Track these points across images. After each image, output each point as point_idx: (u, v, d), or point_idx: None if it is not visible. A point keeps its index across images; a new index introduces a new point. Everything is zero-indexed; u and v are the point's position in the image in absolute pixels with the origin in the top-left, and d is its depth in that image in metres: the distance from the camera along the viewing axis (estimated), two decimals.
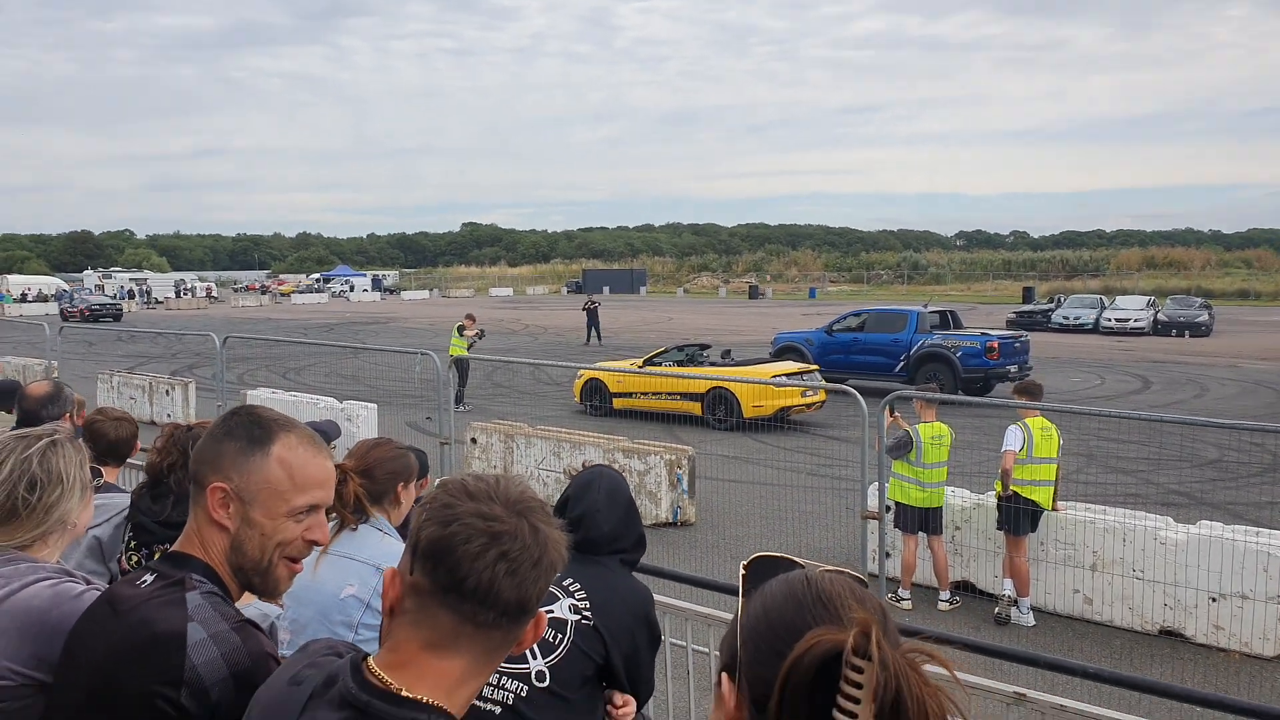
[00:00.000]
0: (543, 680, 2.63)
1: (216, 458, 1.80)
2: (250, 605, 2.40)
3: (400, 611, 1.37)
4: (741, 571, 1.24)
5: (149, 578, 1.78)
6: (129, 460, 4.06)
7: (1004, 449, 8.16)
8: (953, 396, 17.19)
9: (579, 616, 2.74)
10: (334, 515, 3.12)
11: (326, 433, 5.03)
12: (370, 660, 1.38)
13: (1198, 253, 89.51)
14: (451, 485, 1.41)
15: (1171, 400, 21.28)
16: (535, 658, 2.64)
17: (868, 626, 1.01)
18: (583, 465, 3.17)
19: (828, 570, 1.20)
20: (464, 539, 1.32)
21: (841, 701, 0.99)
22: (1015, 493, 8.06)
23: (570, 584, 2.77)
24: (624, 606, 2.83)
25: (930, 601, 8.40)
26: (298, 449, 1.82)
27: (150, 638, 1.66)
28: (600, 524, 2.92)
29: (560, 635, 2.71)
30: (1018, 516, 8.04)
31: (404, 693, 1.33)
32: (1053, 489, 8.27)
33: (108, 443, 3.87)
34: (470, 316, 20.82)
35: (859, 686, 0.99)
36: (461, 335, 19.69)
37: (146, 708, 1.62)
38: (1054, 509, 8.26)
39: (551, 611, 2.68)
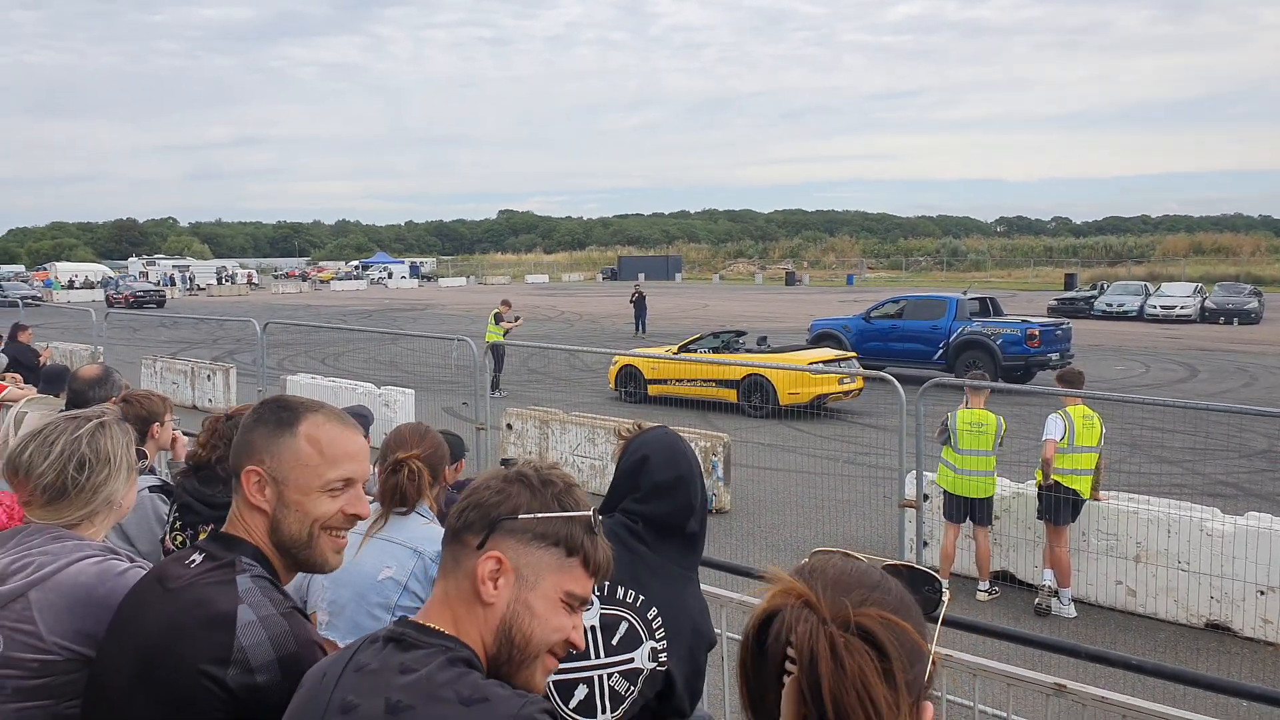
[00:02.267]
0: None
1: (249, 444, 1.84)
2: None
3: None
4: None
5: (197, 557, 1.82)
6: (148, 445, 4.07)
7: (1044, 438, 8.05)
8: (992, 384, 16.88)
9: (654, 664, 2.48)
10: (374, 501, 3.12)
11: (363, 417, 5.05)
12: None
13: (1247, 238, 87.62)
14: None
15: (1219, 389, 20.90)
16: (605, 711, 2.40)
17: (804, 597, 1.13)
18: (637, 428, 2.72)
19: (894, 565, 1.26)
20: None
21: (787, 665, 1.13)
22: (1056, 482, 7.94)
23: (653, 617, 2.47)
24: (694, 634, 2.59)
25: (969, 591, 8.30)
26: (325, 425, 1.84)
27: (202, 617, 1.68)
28: (651, 471, 2.57)
29: (632, 687, 2.45)
30: (1058, 506, 7.93)
31: (431, 625, 1.47)
32: (1092, 478, 8.14)
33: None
34: (506, 303, 20.87)
35: (796, 648, 1.12)
36: (499, 322, 19.74)
37: (193, 685, 1.64)
38: (1095, 498, 8.13)
39: (631, 661, 2.42)
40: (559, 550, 1.52)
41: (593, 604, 2.29)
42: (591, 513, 1.56)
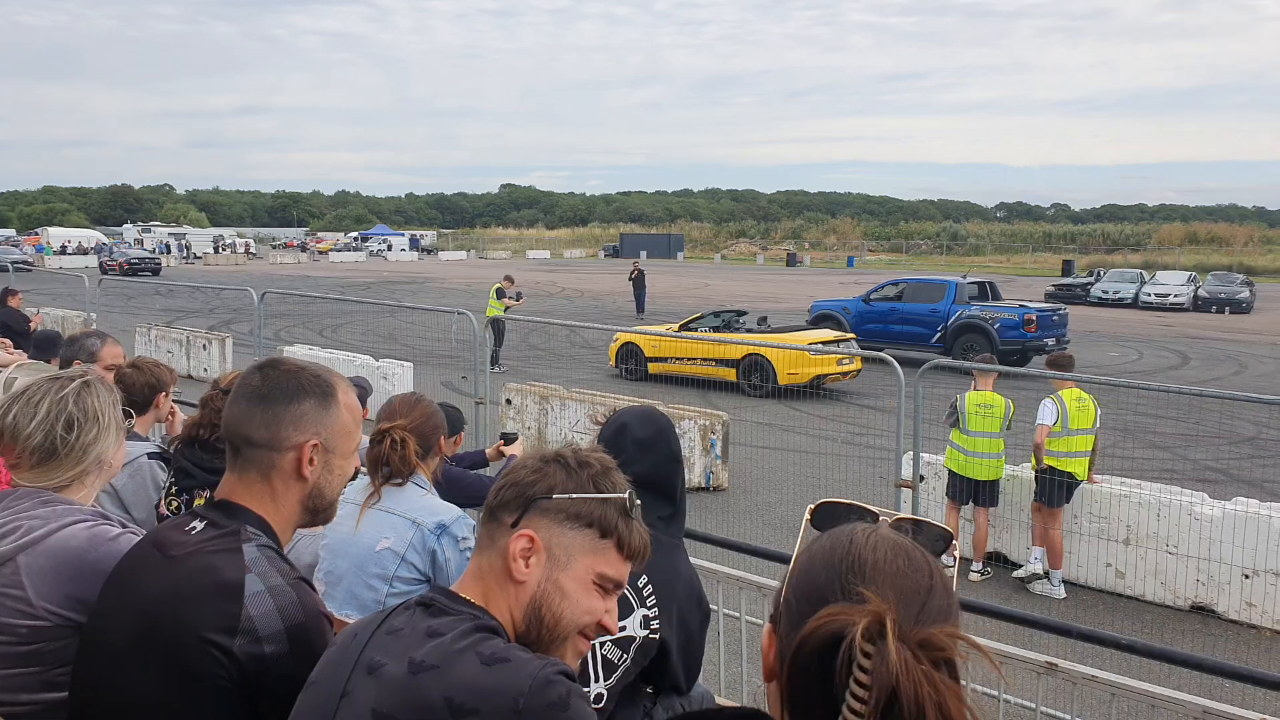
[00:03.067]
0: (600, 701, 2.48)
1: (300, 417, 1.84)
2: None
3: None
4: (805, 517, 1.24)
5: (198, 525, 1.79)
6: (157, 413, 4.02)
7: (1037, 423, 8.13)
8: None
9: (646, 631, 2.51)
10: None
11: (363, 388, 5.07)
12: None
13: (1240, 229, 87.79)
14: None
15: (1210, 377, 21.00)
16: (598, 680, 2.45)
17: (879, 617, 0.97)
18: (612, 410, 2.86)
19: (900, 520, 1.18)
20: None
21: (850, 700, 0.96)
22: (1050, 465, 8.02)
23: (644, 584, 2.52)
24: (686, 600, 2.65)
25: (962, 572, 8.39)
26: (349, 393, 1.95)
27: (209, 585, 1.67)
28: (631, 434, 2.66)
29: (624, 655, 2.49)
30: (1054, 488, 8.01)
31: (460, 593, 1.51)
32: (1088, 460, 8.22)
33: (132, 392, 3.89)
34: (509, 278, 20.86)
35: (867, 688, 0.96)
36: (500, 297, 19.71)
37: (198, 654, 1.63)
38: (1089, 480, 8.21)
39: (624, 628, 2.44)
40: (592, 532, 1.52)
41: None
42: (628, 495, 1.56)
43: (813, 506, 1.25)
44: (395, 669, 1.39)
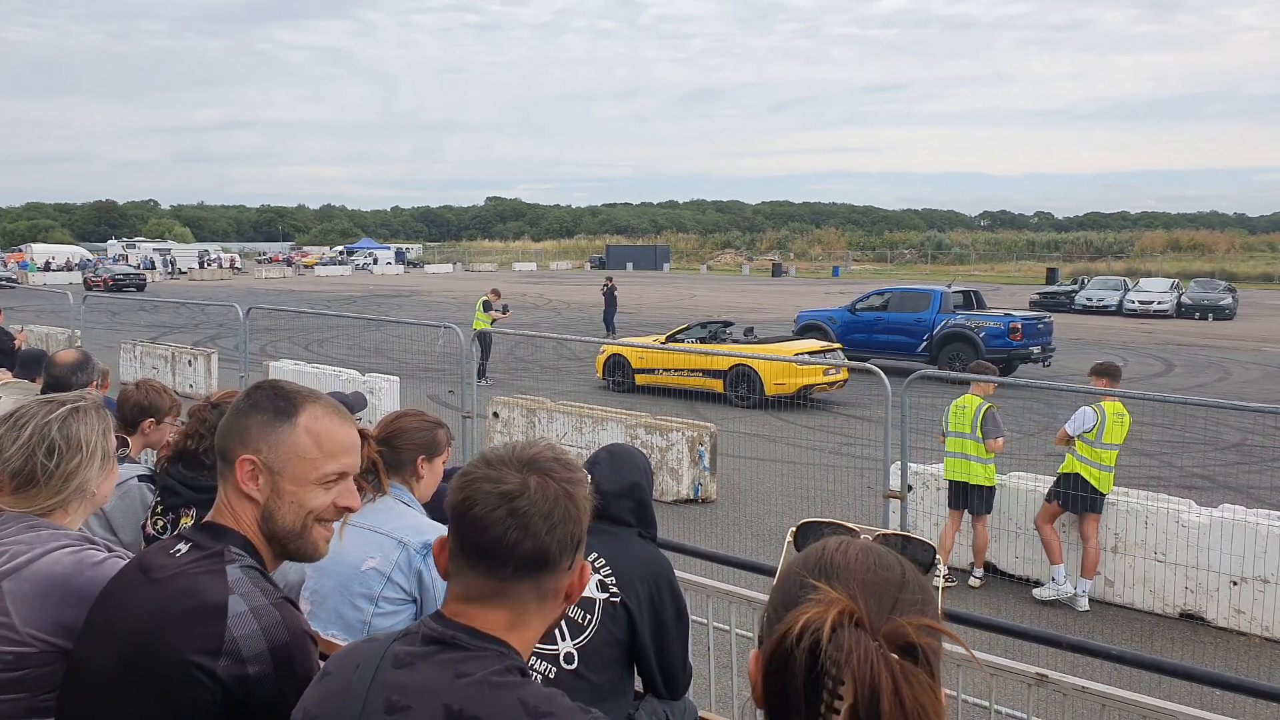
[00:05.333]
0: (571, 662, 2.57)
1: (243, 431, 1.80)
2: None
3: (449, 574, 1.50)
4: (787, 539, 1.24)
5: (183, 547, 1.78)
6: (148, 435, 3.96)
7: (1071, 428, 7.99)
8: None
9: (606, 595, 2.66)
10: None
11: (351, 404, 5.02)
12: (443, 609, 1.49)
13: (1222, 236, 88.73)
14: (479, 455, 1.54)
15: (1194, 383, 21.11)
16: (564, 639, 2.57)
17: (840, 609, 1.00)
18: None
19: (885, 535, 1.20)
20: (474, 502, 1.43)
21: (825, 696, 0.99)
22: (1078, 474, 7.90)
23: (594, 559, 2.68)
24: (646, 574, 2.78)
25: (958, 580, 8.39)
26: (323, 418, 1.83)
27: (192, 607, 1.66)
28: (598, 482, 2.83)
29: (589, 616, 2.63)
30: (1078, 498, 7.90)
31: (479, 628, 1.44)
32: (1111, 475, 8.03)
33: (123, 410, 3.85)
34: (495, 291, 20.82)
35: (838, 680, 0.98)
36: (487, 310, 19.67)
37: (182, 676, 1.61)
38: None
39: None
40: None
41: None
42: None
43: (794, 529, 1.25)
44: (427, 714, 1.36)
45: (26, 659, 1.90)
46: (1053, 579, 8.03)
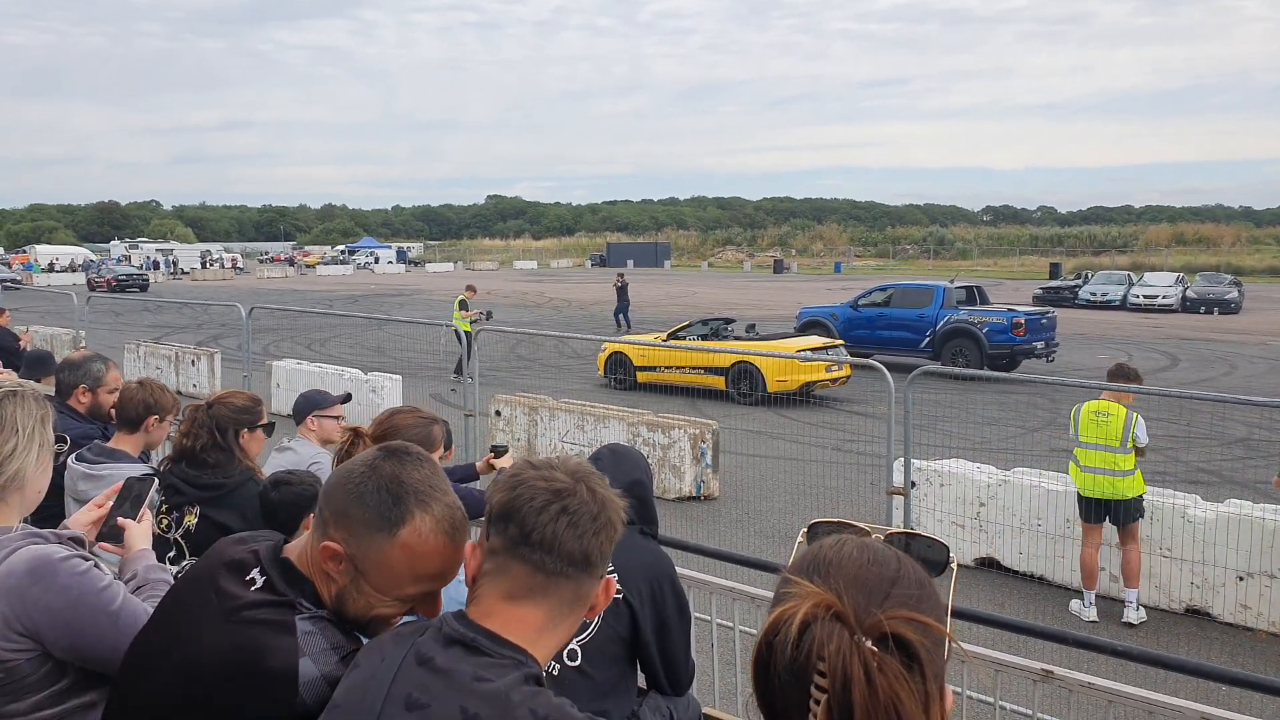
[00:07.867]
0: (574, 659, 2.58)
1: (341, 515, 1.67)
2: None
3: (481, 575, 1.52)
4: (799, 539, 1.25)
5: (258, 579, 1.72)
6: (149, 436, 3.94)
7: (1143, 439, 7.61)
8: (978, 372, 17.14)
9: None
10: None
11: (317, 402, 4.90)
12: (465, 610, 1.52)
13: (1227, 229, 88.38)
14: (517, 461, 1.61)
15: (1200, 378, 21.06)
16: None
17: (819, 602, 1.03)
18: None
19: (893, 534, 1.22)
20: (529, 498, 1.48)
21: (814, 691, 1.02)
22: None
23: None
24: (646, 570, 2.80)
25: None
26: (428, 538, 1.65)
27: (263, 671, 1.62)
28: None
29: None
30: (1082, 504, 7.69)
31: (501, 634, 1.46)
32: (1098, 477, 7.56)
33: (127, 408, 3.83)
34: (471, 288, 20.63)
35: (822, 674, 1.01)
36: (464, 309, 19.42)
37: None
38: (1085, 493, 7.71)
39: None
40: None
41: None
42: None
43: (805, 529, 1.27)
44: (445, 714, 1.38)
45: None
46: (1133, 601, 7.54)
